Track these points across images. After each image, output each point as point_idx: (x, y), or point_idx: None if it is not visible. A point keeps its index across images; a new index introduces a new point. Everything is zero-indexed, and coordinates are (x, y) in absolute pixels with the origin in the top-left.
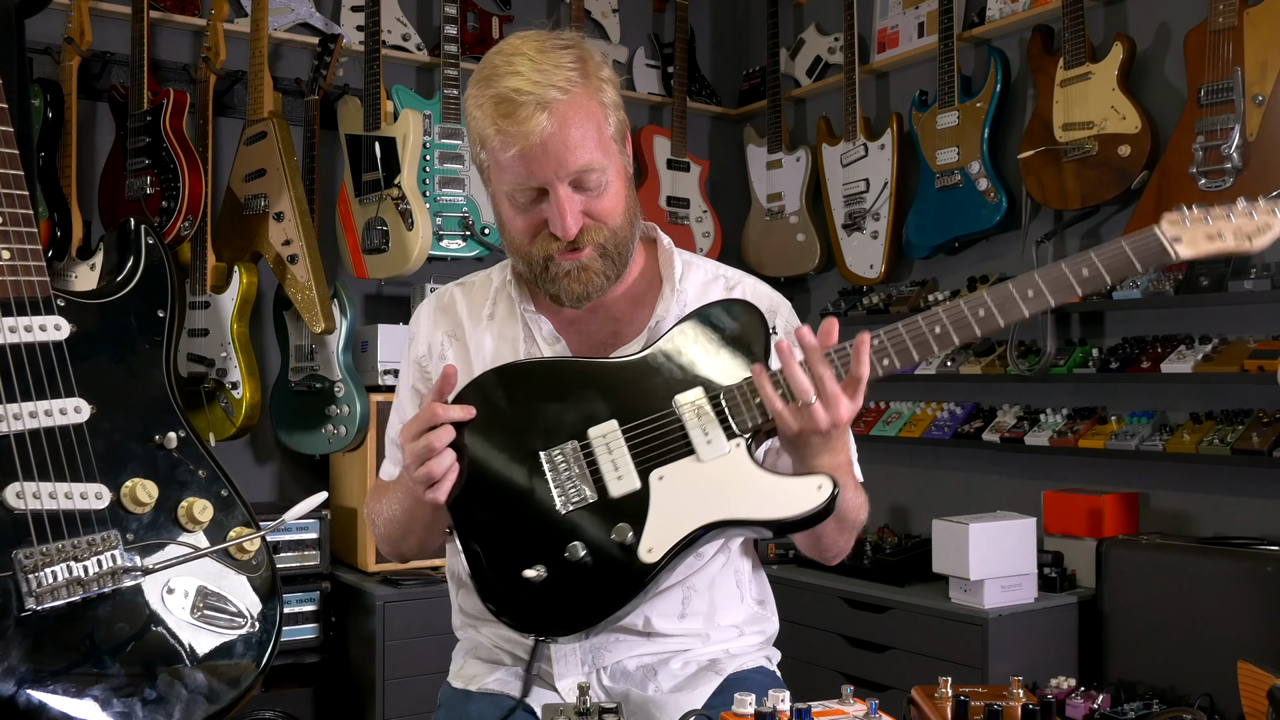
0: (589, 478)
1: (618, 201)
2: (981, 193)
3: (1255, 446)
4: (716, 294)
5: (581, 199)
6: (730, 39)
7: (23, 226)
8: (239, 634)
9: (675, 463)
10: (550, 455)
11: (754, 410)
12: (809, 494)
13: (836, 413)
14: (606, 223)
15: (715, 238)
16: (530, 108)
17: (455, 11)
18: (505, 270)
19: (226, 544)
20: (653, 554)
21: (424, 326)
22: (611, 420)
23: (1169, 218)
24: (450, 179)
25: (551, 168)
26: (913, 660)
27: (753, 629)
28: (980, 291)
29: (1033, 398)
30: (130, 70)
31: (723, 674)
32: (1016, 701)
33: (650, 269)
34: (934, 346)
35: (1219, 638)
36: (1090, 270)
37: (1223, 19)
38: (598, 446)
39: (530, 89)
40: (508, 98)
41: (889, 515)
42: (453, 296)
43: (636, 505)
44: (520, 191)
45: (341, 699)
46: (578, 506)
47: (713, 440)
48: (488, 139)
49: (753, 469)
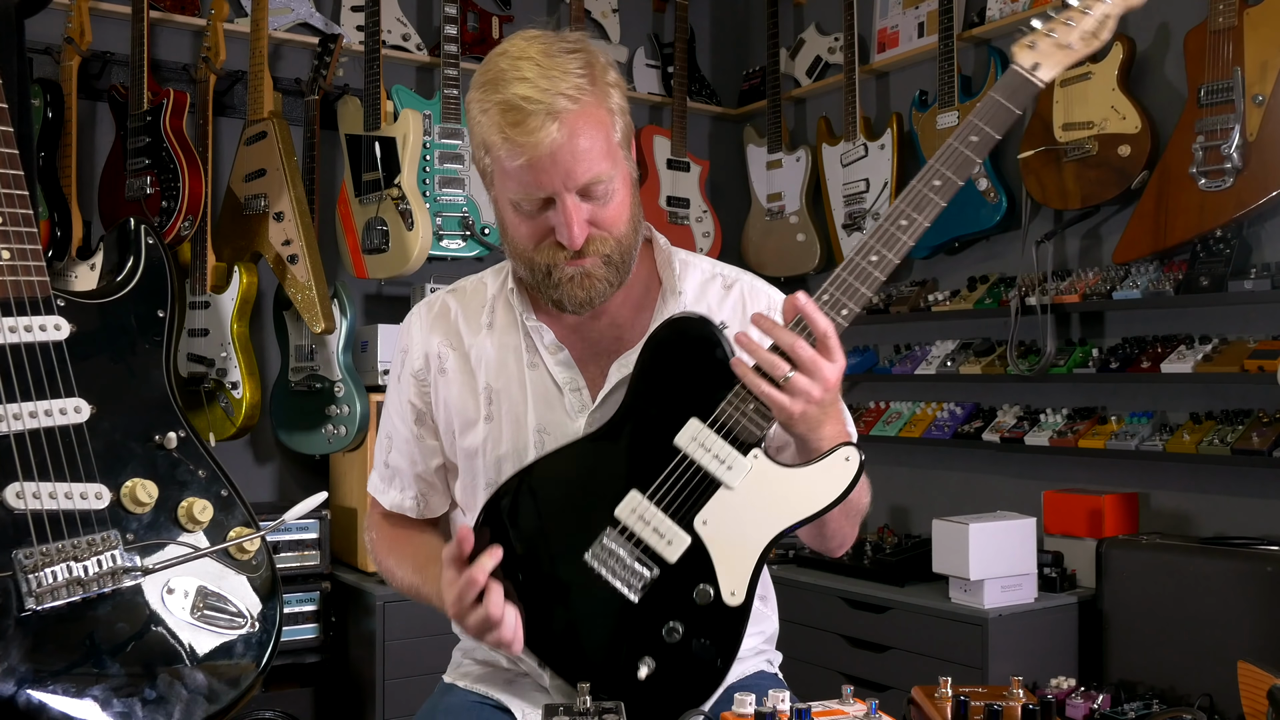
0: (642, 557)
1: (623, 209)
2: (981, 193)
3: (1255, 446)
4: (714, 294)
5: (588, 208)
6: (730, 39)
7: (23, 226)
8: (239, 634)
9: (710, 502)
10: (596, 554)
11: (751, 416)
12: (840, 468)
13: (823, 376)
14: (611, 231)
15: (715, 238)
16: (540, 117)
17: (455, 11)
18: (500, 276)
19: (226, 544)
20: (736, 596)
21: (417, 338)
22: (632, 491)
23: (1019, 49)
24: (450, 179)
25: (560, 178)
26: (913, 660)
27: (753, 628)
28: (894, 202)
29: (1033, 398)
30: (130, 70)
31: None
32: (1016, 701)
33: (648, 271)
34: (875, 273)
35: (1219, 638)
36: (977, 134)
37: (1223, 19)
38: (633, 523)
39: (539, 97)
40: (516, 105)
41: (889, 515)
42: (445, 304)
43: (698, 559)
44: (526, 200)
45: (341, 699)
46: (647, 589)
47: (732, 465)
48: (493, 146)
49: (782, 472)
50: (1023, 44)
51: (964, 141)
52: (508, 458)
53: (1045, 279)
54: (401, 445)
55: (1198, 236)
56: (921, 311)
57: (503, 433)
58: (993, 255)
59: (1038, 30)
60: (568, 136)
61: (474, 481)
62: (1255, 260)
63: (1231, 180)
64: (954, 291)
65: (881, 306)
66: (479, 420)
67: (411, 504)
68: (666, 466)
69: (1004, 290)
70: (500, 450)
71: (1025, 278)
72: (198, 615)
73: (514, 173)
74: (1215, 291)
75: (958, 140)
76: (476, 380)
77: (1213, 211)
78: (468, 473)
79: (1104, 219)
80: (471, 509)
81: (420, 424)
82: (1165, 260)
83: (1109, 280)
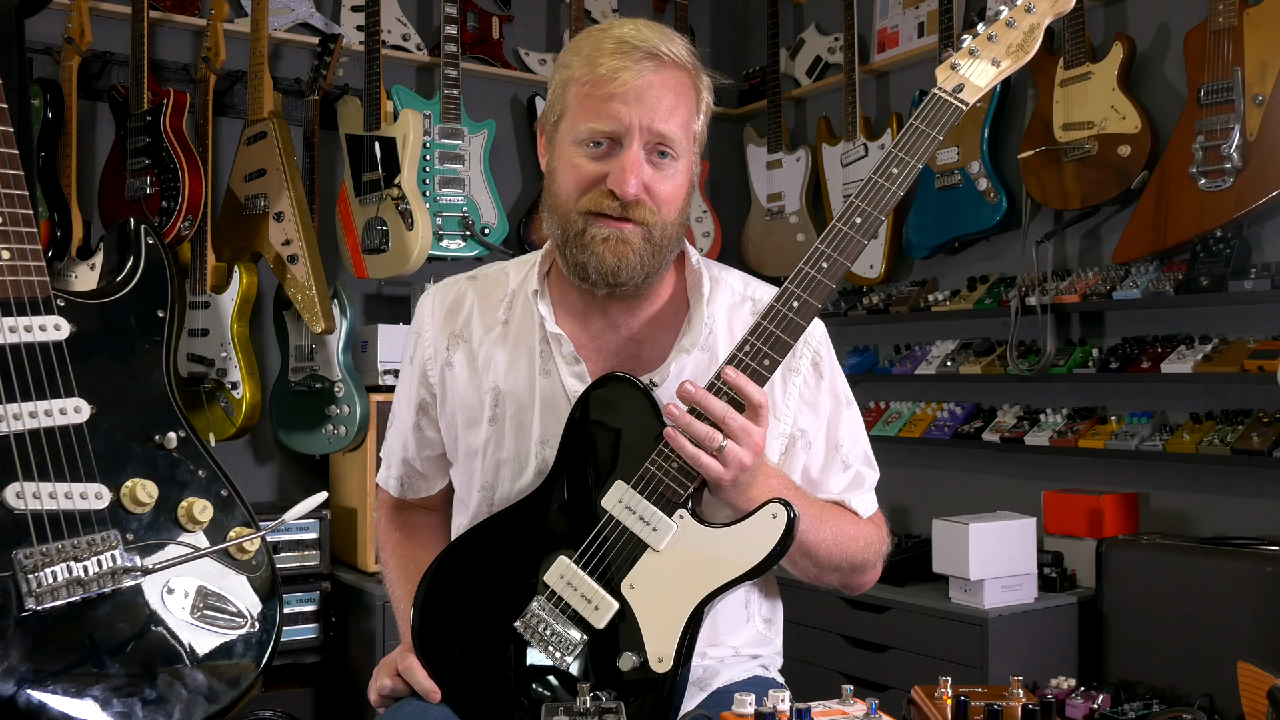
0: (570, 622)
1: (678, 193)
2: (981, 193)
3: (1255, 446)
4: (743, 320)
5: (649, 171)
6: (730, 39)
7: (23, 226)
8: (239, 634)
9: (636, 566)
10: (525, 622)
11: (676, 476)
12: (768, 526)
13: (754, 443)
14: (661, 207)
15: (715, 238)
16: (642, 53)
17: (455, 11)
18: (525, 270)
19: (226, 544)
20: (664, 663)
21: (429, 324)
22: (559, 556)
23: (941, 70)
24: (450, 179)
25: (639, 116)
26: (913, 660)
27: (748, 651)
28: (816, 243)
29: (1033, 398)
30: (130, 70)
31: (707, 689)
32: (1016, 701)
33: (676, 290)
34: (797, 319)
35: (1219, 638)
36: (898, 165)
37: (1223, 19)
38: (562, 589)
39: (648, 37)
40: (624, 39)
41: (889, 515)
42: (462, 293)
43: (626, 624)
44: (595, 136)
45: (341, 699)
46: (577, 654)
47: (657, 527)
48: (580, 78)
49: (708, 533)
50: (945, 65)
51: (884, 175)
52: (507, 463)
53: (1045, 279)
54: (400, 428)
55: (1198, 236)
56: (921, 311)
57: (505, 436)
58: (993, 255)
59: (961, 49)
60: (660, 82)
61: (470, 481)
62: (1255, 260)
63: (1231, 180)
64: (954, 291)
65: (882, 307)
66: (483, 421)
67: (395, 485)
68: (593, 530)
69: (1004, 290)
70: (502, 454)
71: (1025, 278)
72: (198, 615)
73: (595, 102)
74: (1215, 291)
75: (879, 175)
76: (484, 379)
77: (1213, 211)
78: (465, 470)
79: (1104, 219)
80: (463, 509)
81: (422, 414)
82: (1165, 260)
83: (1109, 280)
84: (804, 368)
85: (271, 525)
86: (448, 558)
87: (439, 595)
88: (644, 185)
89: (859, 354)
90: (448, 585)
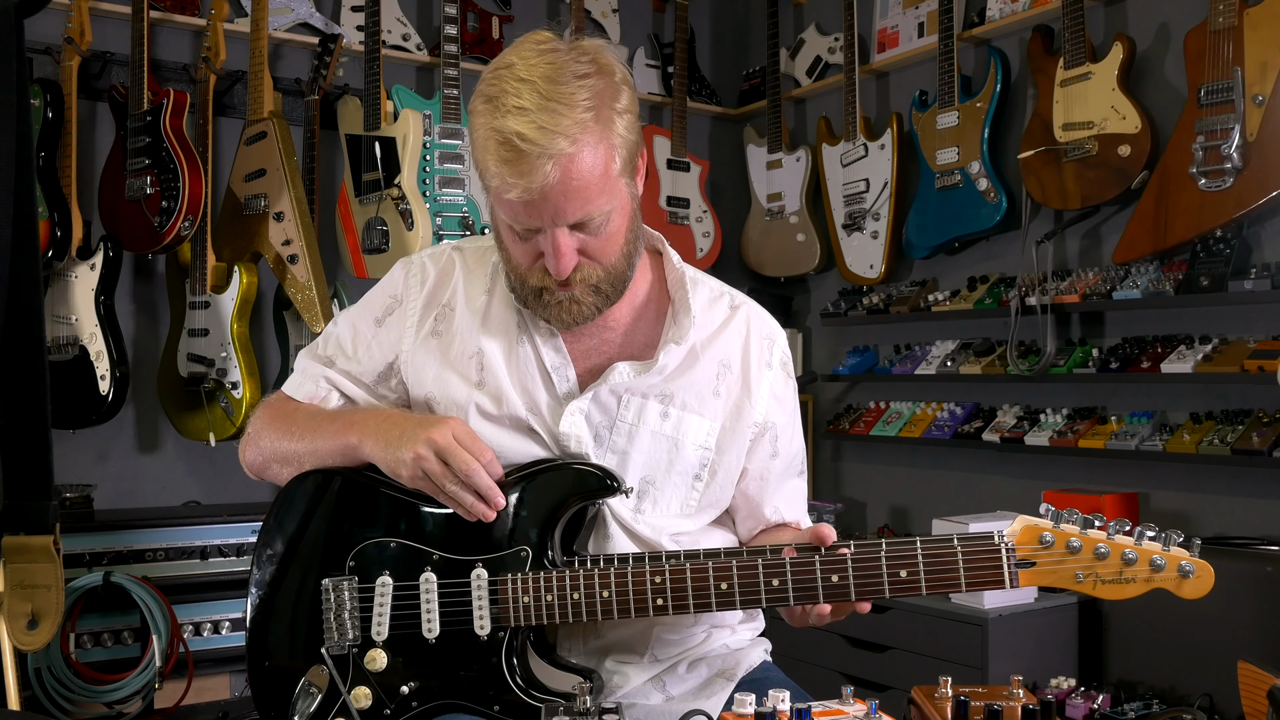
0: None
1: (615, 239)
2: (981, 193)
3: (1255, 446)
4: (720, 314)
5: (579, 237)
6: (730, 39)
7: None
8: None
9: None
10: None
11: None
12: None
13: None
14: (601, 260)
15: (715, 238)
16: (534, 159)
17: (455, 11)
18: None
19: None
20: None
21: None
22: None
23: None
24: (450, 179)
25: (550, 214)
26: (913, 660)
27: (746, 626)
28: None
29: (1033, 398)
30: (130, 70)
31: (734, 680)
32: (1016, 701)
33: (657, 288)
34: None
35: (1219, 638)
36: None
37: (1223, 19)
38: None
39: (536, 138)
40: (513, 144)
41: (889, 515)
42: (451, 260)
43: None
44: (517, 224)
45: None
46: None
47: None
48: (488, 171)
49: None
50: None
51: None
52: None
53: (1045, 279)
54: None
55: (1198, 236)
56: (921, 311)
57: (489, 400)
58: (993, 255)
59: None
60: (561, 177)
61: None
62: (1255, 260)
63: (1231, 180)
64: (954, 291)
65: (881, 307)
66: (471, 387)
67: (307, 393)
68: None
69: (1004, 290)
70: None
71: (1025, 278)
72: None
73: (506, 202)
74: (1215, 291)
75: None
76: (468, 344)
77: (1213, 211)
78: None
79: (1104, 219)
80: None
81: (389, 374)
82: (1165, 260)
83: (1109, 280)
84: (775, 364)
85: None
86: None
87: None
88: (576, 254)
89: (859, 354)
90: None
